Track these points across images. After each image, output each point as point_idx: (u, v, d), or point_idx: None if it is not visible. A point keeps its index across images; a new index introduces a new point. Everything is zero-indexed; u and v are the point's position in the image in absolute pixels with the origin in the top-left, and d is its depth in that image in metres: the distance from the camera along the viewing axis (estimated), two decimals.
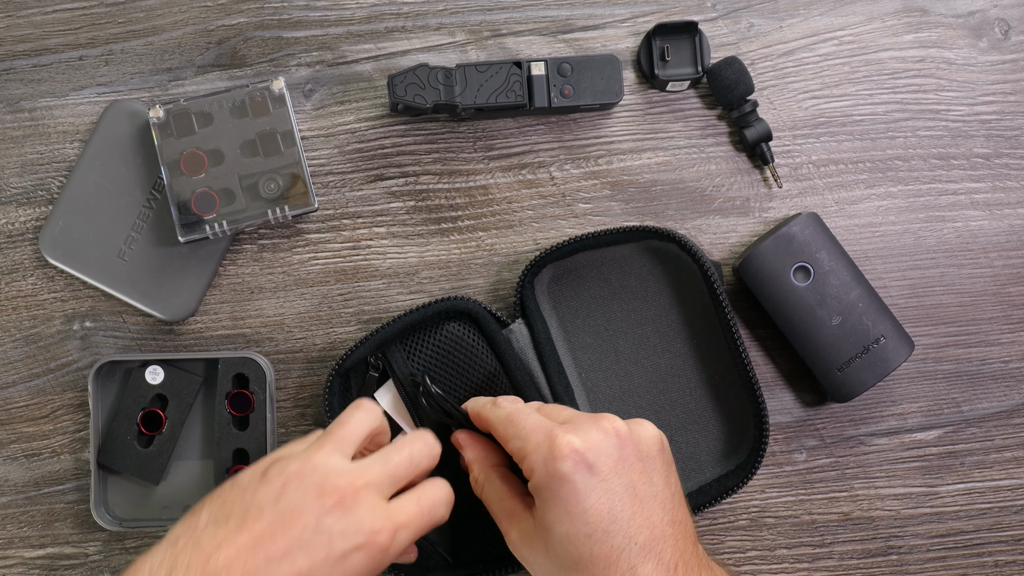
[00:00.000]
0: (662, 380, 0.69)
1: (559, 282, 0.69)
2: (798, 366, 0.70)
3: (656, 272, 0.69)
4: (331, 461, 0.53)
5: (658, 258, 0.68)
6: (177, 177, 0.66)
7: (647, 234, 0.67)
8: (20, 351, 0.69)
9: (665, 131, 0.71)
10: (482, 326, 0.66)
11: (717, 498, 0.66)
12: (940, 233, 0.71)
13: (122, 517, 0.68)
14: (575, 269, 0.69)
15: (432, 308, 0.66)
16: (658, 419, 0.68)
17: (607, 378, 0.69)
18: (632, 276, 0.69)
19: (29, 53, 0.70)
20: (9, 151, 0.69)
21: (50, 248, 0.67)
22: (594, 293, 0.69)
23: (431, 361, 0.66)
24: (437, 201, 0.70)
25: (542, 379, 0.67)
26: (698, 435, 0.68)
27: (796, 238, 0.67)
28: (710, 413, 0.68)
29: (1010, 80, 0.72)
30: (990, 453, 0.71)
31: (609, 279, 0.69)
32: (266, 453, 0.67)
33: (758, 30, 0.71)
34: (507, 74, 0.68)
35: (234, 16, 0.70)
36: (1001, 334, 0.71)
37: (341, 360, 0.65)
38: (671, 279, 0.69)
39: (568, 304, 0.69)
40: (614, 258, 0.69)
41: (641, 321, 0.69)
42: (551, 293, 0.69)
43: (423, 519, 0.54)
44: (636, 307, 0.69)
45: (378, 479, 0.53)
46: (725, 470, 0.67)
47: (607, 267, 0.69)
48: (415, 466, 0.56)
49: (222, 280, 0.69)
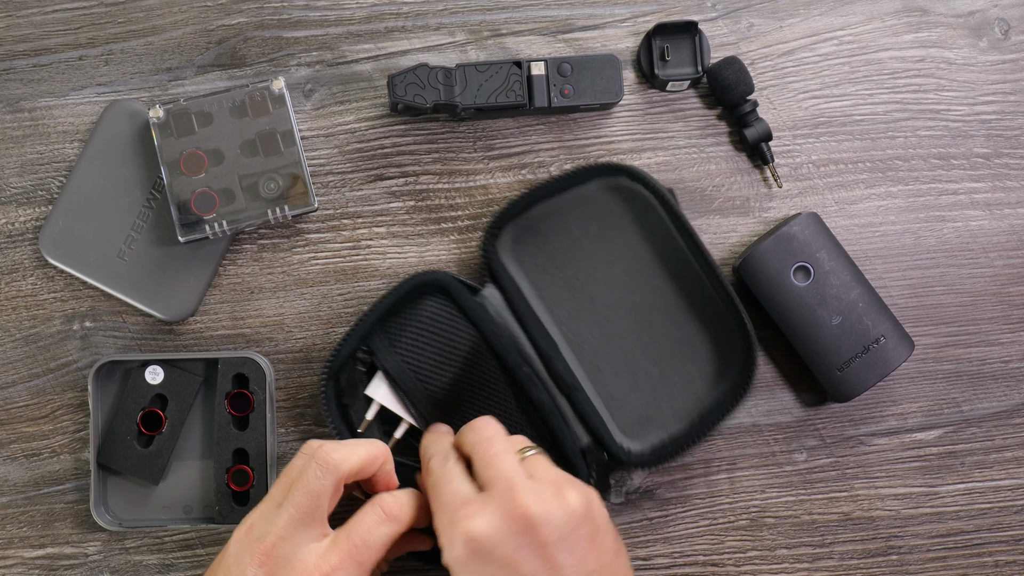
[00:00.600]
0: (642, 317, 0.68)
1: (521, 241, 0.68)
2: (798, 366, 0.70)
3: (614, 210, 0.68)
4: (288, 551, 0.55)
5: (614, 194, 0.68)
6: (177, 177, 0.66)
7: (597, 171, 0.66)
8: (20, 351, 0.69)
9: (665, 131, 0.71)
10: (455, 296, 0.66)
11: (719, 419, 0.66)
12: (940, 233, 0.71)
13: (122, 517, 0.68)
14: (534, 224, 0.68)
15: (404, 287, 0.66)
16: (646, 356, 0.68)
17: (588, 327, 0.68)
18: (591, 220, 0.68)
19: (29, 53, 0.70)
20: (9, 151, 0.69)
21: (50, 248, 0.67)
22: (557, 244, 0.68)
23: (413, 344, 0.65)
24: (437, 201, 0.70)
25: (524, 340, 0.67)
26: (689, 363, 0.68)
27: (796, 238, 0.67)
28: (696, 337, 0.68)
29: (1010, 80, 0.72)
30: (990, 453, 0.71)
31: (569, 228, 0.68)
32: (266, 453, 0.67)
33: (758, 30, 0.71)
34: (507, 74, 0.68)
35: (234, 16, 0.70)
36: (1001, 334, 0.71)
37: (329, 362, 0.65)
38: (630, 213, 0.68)
39: (534, 261, 0.68)
40: (570, 204, 0.68)
41: (609, 262, 0.68)
42: (515, 253, 0.68)
43: (358, 554, 0.55)
44: (601, 249, 0.68)
45: (292, 529, 0.55)
46: (722, 392, 0.67)
47: (564, 215, 0.68)
48: (375, 548, 0.56)
49: (222, 280, 0.69)
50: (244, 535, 0.56)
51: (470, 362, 0.66)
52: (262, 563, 0.54)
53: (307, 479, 0.56)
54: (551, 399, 0.66)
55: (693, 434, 0.66)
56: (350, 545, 0.55)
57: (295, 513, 0.55)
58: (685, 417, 0.67)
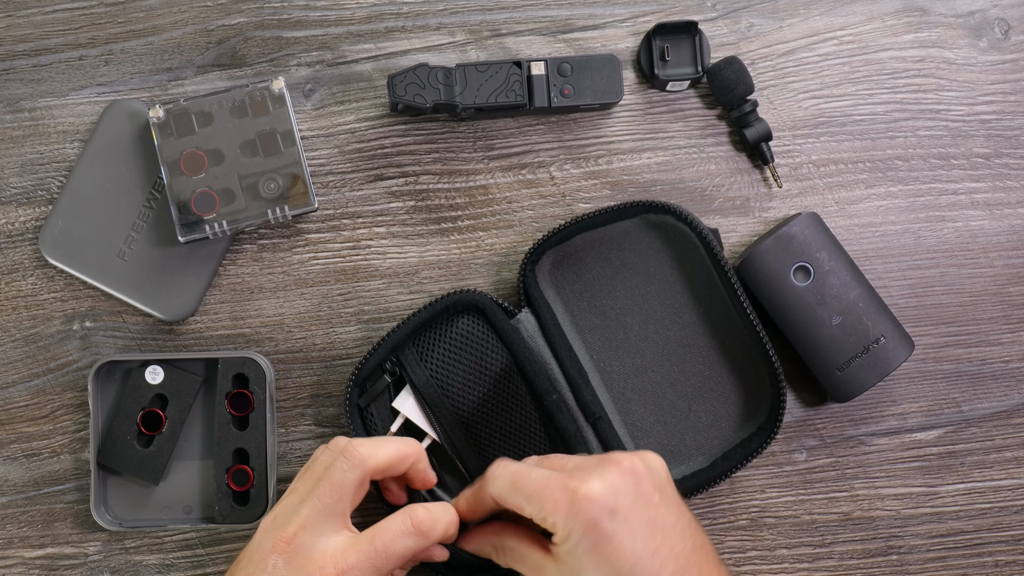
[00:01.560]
0: (674, 352, 0.69)
1: (560, 267, 0.69)
2: (798, 366, 0.70)
3: (655, 246, 0.69)
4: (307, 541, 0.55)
5: (656, 231, 0.68)
6: (177, 177, 0.66)
7: (642, 208, 0.67)
8: (20, 351, 0.69)
9: (665, 131, 0.71)
10: (490, 318, 0.66)
11: (742, 462, 0.66)
12: (940, 233, 0.71)
13: (122, 517, 0.68)
14: (574, 252, 0.69)
15: (440, 304, 0.66)
16: (675, 390, 0.68)
17: (619, 357, 0.69)
18: (632, 252, 0.69)
19: (29, 53, 0.70)
20: (9, 151, 0.69)
21: (50, 248, 0.67)
22: (596, 274, 0.69)
23: (443, 360, 0.66)
24: (437, 201, 0.70)
25: (554, 366, 0.67)
26: (716, 402, 0.68)
27: (796, 238, 0.67)
28: (726, 378, 0.68)
29: (1010, 80, 0.72)
30: (990, 453, 0.71)
31: (609, 258, 0.69)
32: (266, 453, 0.67)
33: (758, 30, 0.71)
34: (507, 74, 0.68)
35: (234, 16, 0.70)
36: (1001, 334, 0.71)
37: (357, 369, 0.66)
38: (671, 251, 0.68)
39: (571, 288, 0.69)
40: (612, 236, 0.69)
41: (646, 296, 0.69)
42: (553, 279, 0.69)
43: (378, 559, 0.55)
44: (639, 283, 0.69)
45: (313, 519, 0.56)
46: (747, 433, 0.67)
47: (606, 246, 0.69)
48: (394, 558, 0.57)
49: (222, 280, 0.69)
50: (269, 524, 0.57)
51: (499, 384, 0.66)
52: (282, 551, 0.55)
53: (333, 472, 0.56)
54: (577, 428, 0.67)
55: (715, 472, 0.67)
56: (371, 549, 0.55)
57: (319, 504, 0.56)
58: (709, 454, 0.68)
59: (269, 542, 0.55)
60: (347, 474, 0.56)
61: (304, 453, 0.69)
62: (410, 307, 0.70)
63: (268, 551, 0.55)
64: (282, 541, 0.55)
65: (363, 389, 0.67)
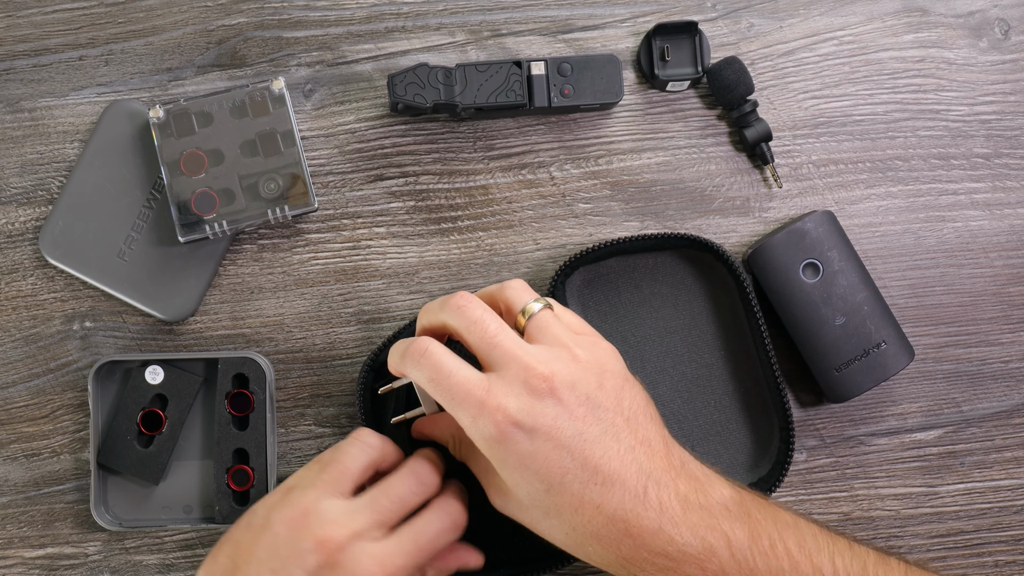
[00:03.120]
0: (687, 389, 0.68)
1: (590, 285, 0.69)
2: (799, 366, 0.70)
3: (688, 281, 0.69)
4: (322, 506, 0.55)
5: (692, 266, 0.68)
6: (177, 177, 0.66)
7: (683, 241, 0.67)
8: (20, 351, 0.69)
9: (665, 131, 0.71)
10: None
11: None
12: (940, 233, 0.71)
13: (122, 517, 0.68)
14: (607, 273, 0.69)
15: None
16: (681, 428, 0.68)
17: None
18: (664, 283, 0.69)
19: (29, 53, 0.70)
20: (9, 151, 0.69)
21: (50, 248, 0.67)
22: (625, 299, 0.69)
23: (463, 351, 0.65)
24: (437, 201, 0.70)
25: None
26: (720, 446, 0.68)
27: (809, 234, 0.66)
28: (735, 424, 0.68)
29: (1010, 80, 0.72)
30: (990, 453, 0.71)
31: (640, 285, 0.69)
32: (266, 452, 0.67)
33: (758, 30, 0.71)
34: (507, 74, 0.68)
35: (234, 16, 0.70)
36: (1001, 334, 0.71)
37: (375, 354, 0.65)
38: (704, 289, 0.69)
39: (598, 308, 0.69)
40: (647, 264, 0.69)
41: (670, 329, 0.69)
42: (581, 295, 0.69)
43: (421, 557, 0.56)
44: (666, 315, 0.69)
45: (368, 527, 0.55)
46: (747, 482, 0.67)
47: (639, 273, 0.69)
48: (407, 507, 0.57)
49: (222, 280, 0.69)
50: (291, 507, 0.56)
51: None
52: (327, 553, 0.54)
53: (339, 454, 0.58)
54: None
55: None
56: (415, 549, 0.56)
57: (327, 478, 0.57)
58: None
59: (310, 541, 0.54)
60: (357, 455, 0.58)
61: (304, 453, 0.69)
62: (410, 307, 0.70)
63: (307, 551, 0.54)
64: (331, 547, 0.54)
65: (378, 375, 0.66)
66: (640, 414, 0.56)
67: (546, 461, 0.53)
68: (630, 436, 0.54)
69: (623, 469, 0.53)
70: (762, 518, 0.55)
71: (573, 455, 0.53)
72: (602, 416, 0.54)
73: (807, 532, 0.56)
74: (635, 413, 0.56)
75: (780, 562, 0.54)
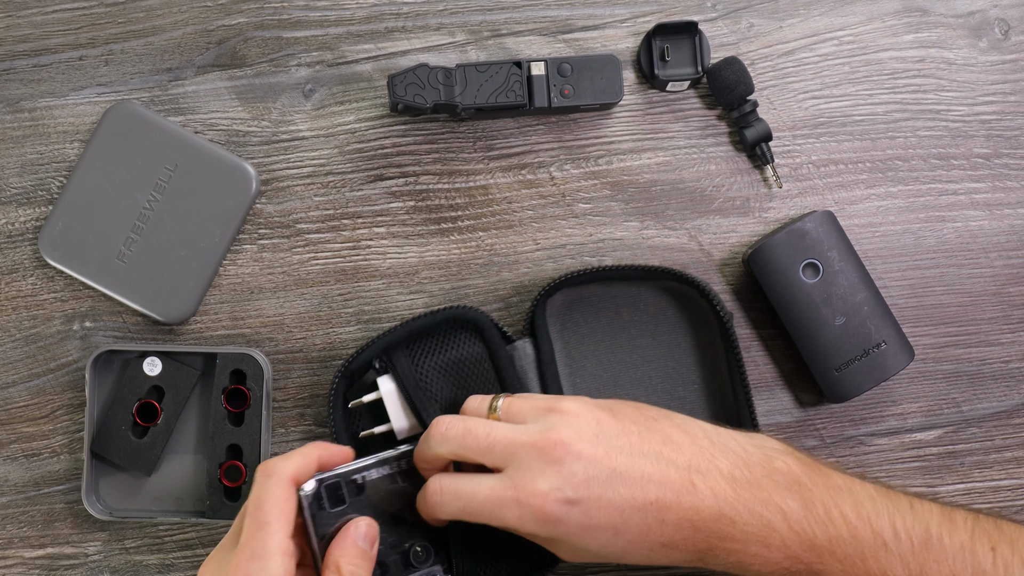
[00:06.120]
0: None
1: (571, 308, 0.69)
2: (799, 366, 0.70)
3: (670, 313, 0.69)
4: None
5: (675, 300, 0.68)
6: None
7: (667, 275, 0.67)
8: (20, 351, 0.69)
9: (665, 131, 0.71)
10: (486, 339, 0.66)
11: None
12: (940, 233, 0.71)
13: (113, 507, 0.68)
14: (589, 297, 0.69)
15: (439, 315, 0.66)
16: None
17: None
18: (645, 313, 0.69)
19: (29, 53, 0.70)
20: (9, 151, 0.69)
21: (49, 249, 0.67)
22: (604, 324, 0.69)
23: (434, 370, 0.65)
24: (437, 201, 0.70)
25: None
26: None
27: (809, 234, 0.66)
28: None
29: (1010, 80, 0.72)
30: (990, 453, 0.71)
31: (621, 312, 0.69)
32: (260, 450, 0.67)
33: (758, 30, 0.71)
34: (507, 74, 0.68)
35: (234, 16, 0.70)
36: (1001, 334, 0.71)
37: (347, 362, 0.65)
38: (685, 323, 0.68)
39: (576, 330, 0.69)
40: (630, 292, 0.69)
41: (647, 359, 0.69)
42: (561, 316, 0.69)
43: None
44: (644, 344, 0.69)
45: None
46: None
47: (620, 300, 0.69)
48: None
49: (222, 280, 0.69)
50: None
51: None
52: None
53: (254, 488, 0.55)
54: None
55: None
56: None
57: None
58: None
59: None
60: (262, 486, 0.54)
61: None
62: (410, 307, 0.70)
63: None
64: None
65: (351, 383, 0.66)
66: (643, 419, 0.57)
67: (601, 514, 0.54)
68: (651, 445, 0.56)
69: (664, 477, 0.55)
70: (813, 485, 0.56)
71: (619, 493, 0.54)
72: (619, 444, 0.56)
73: (863, 495, 0.56)
74: (638, 421, 0.57)
75: (838, 530, 0.55)
